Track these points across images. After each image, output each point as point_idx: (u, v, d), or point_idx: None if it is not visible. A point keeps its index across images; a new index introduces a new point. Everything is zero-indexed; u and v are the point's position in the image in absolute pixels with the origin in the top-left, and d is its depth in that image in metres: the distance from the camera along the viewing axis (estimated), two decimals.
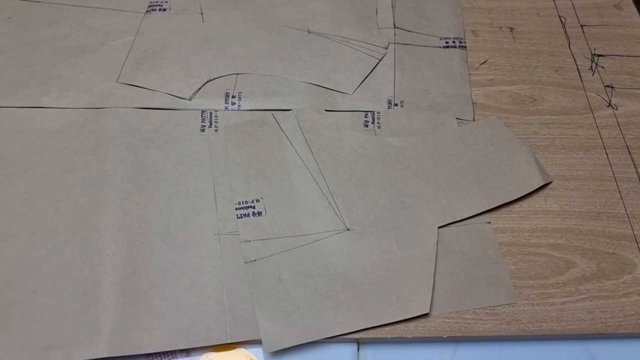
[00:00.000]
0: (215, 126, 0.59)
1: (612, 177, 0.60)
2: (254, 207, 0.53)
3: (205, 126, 0.59)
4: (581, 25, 0.75)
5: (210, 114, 0.60)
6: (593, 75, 0.69)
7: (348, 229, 0.53)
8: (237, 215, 0.53)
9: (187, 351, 0.47)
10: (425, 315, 0.49)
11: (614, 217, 0.57)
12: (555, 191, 0.58)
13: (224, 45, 0.66)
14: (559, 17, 0.76)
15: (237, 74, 0.64)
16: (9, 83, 0.60)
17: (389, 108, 0.63)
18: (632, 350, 0.50)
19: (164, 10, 0.69)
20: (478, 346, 0.49)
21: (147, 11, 0.69)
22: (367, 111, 0.62)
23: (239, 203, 0.53)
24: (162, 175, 0.55)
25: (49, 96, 0.59)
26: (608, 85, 0.68)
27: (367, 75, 0.66)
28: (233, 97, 0.62)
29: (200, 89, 0.62)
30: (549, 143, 0.62)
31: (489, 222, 0.55)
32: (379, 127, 0.61)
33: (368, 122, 0.62)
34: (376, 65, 0.67)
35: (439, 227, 0.54)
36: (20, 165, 0.54)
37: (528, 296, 0.51)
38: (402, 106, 0.63)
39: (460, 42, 0.71)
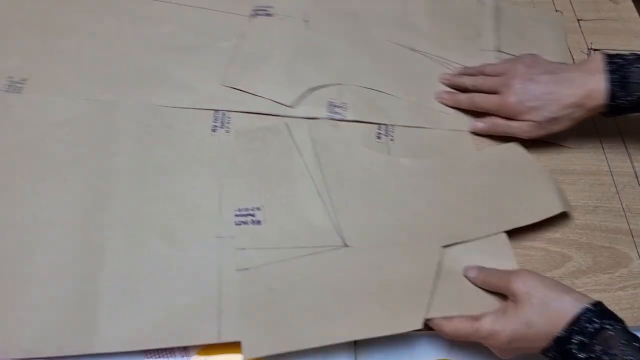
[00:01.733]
0: (227, 127, 0.58)
1: (608, 172, 0.61)
2: (253, 215, 0.52)
3: (217, 126, 0.58)
4: (578, 20, 0.75)
5: (223, 114, 0.59)
6: None
7: (346, 245, 0.51)
8: (236, 222, 0.52)
9: (185, 349, 0.47)
10: None
11: (610, 211, 0.57)
12: None
13: (327, 55, 0.65)
14: (556, 10, 0.77)
15: (341, 84, 0.63)
16: (120, 79, 0.61)
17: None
18: None
19: (269, 15, 0.69)
20: None
21: (251, 15, 0.69)
22: (380, 124, 0.60)
23: (239, 209, 0.53)
24: (169, 172, 0.55)
25: (158, 95, 0.60)
26: None
27: None
28: (337, 107, 0.61)
29: (303, 96, 0.61)
30: None
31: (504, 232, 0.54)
32: (392, 140, 0.59)
33: (381, 134, 0.59)
34: None
35: (444, 247, 0.51)
36: (31, 152, 0.55)
37: None
38: None
39: None
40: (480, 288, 0.50)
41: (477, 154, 0.60)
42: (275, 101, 0.61)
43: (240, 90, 0.61)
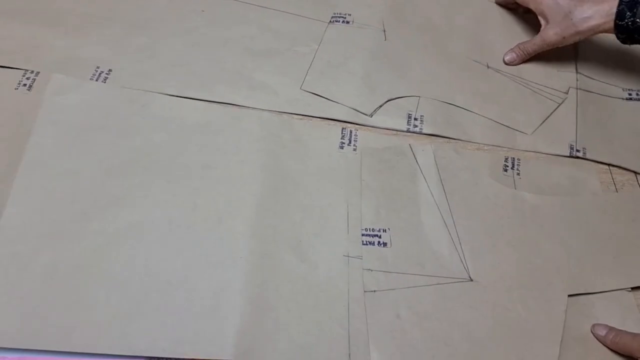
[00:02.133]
0: (354, 145, 0.59)
1: None
2: (379, 237, 0.53)
3: (344, 143, 0.59)
4: None
5: (350, 132, 0.60)
6: None
7: (471, 279, 0.51)
8: (363, 241, 0.52)
9: None
10: None
11: None
12: None
13: (405, 66, 0.66)
14: None
15: (419, 96, 0.63)
16: (202, 77, 0.62)
17: (570, 153, 0.61)
18: None
19: (347, 22, 0.69)
20: None
21: (330, 21, 0.69)
22: (508, 156, 0.60)
23: (366, 230, 0.53)
24: (299, 186, 0.55)
25: (239, 94, 0.61)
26: None
27: (547, 118, 0.64)
28: (415, 119, 0.61)
29: (381, 106, 0.62)
30: None
31: (630, 290, 0.52)
32: (517, 173, 0.59)
33: (507, 166, 0.60)
34: (556, 109, 0.64)
35: (569, 296, 0.51)
36: (165, 153, 0.55)
37: None
38: (584, 153, 0.62)
39: None
40: (608, 348, 0.49)
41: (605, 197, 0.59)
42: (354, 109, 0.61)
43: (319, 95, 0.62)
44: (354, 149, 0.58)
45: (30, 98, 0.56)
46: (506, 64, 0.68)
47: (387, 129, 0.61)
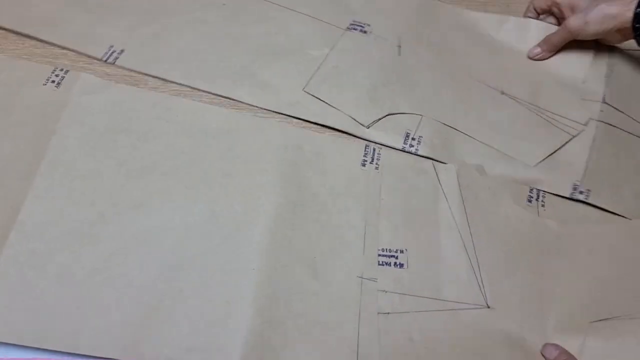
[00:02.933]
0: (377, 164, 0.58)
1: None
2: (396, 258, 0.52)
3: (366, 161, 0.58)
4: None
5: (374, 150, 0.59)
6: None
7: (488, 306, 0.50)
8: (379, 262, 0.52)
9: None
10: None
11: None
12: None
13: (413, 84, 0.64)
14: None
15: (422, 115, 0.61)
16: (207, 68, 0.62)
17: (572, 194, 0.58)
18: None
19: (364, 32, 0.68)
20: None
21: (347, 28, 0.68)
22: (534, 187, 0.58)
23: (383, 250, 0.52)
24: (317, 200, 0.54)
25: (241, 90, 0.60)
26: None
27: (555, 151, 0.61)
28: (413, 139, 0.60)
29: (380, 119, 0.60)
30: None
31: None
32: (542, 205, 0.58)
33: (532, 197, 0.58)
34: (568, 142, 0.61)
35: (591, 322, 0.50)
36: (186, 159, 0.55)
37: None
38: (587, 195, 0.58)
39: None
40: None
41: (631, 224, 0.57)
42: (352, 117, 0.60)
43: (321, 100, 0.61)
44: (376, 168, 0.58)
45: (57, 95, 0.56)
46: (532, 59, 0.69)
47: (381, 144, 0.59)
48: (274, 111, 0.60)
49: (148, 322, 0.46)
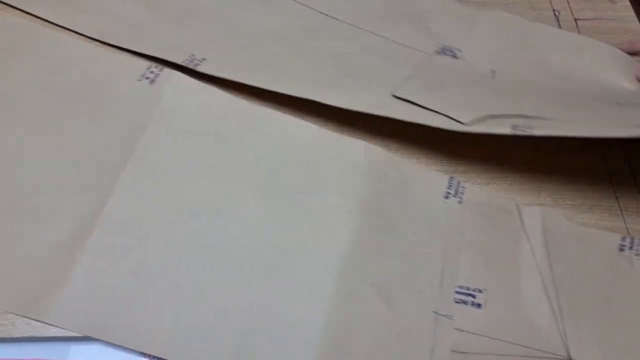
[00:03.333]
0: (460, 197, 0.55)
1: (605, 170, 0.60)
2: (474, 297, 0.50)
3: (450, 193, 0.56)
4: (575, 19, 0.76)
5: (458, 182, 0.56)
6: None
7: (571, 358, 0.47)
8: (455, 299, 0.49)
9: None
10: None
11: (607, 211, 0.57)
12: (548, 184, 0.58)
13: (514, 99, 0.60)
14: (553, 10, 0.76)
15: (528, 117, 0.55)
16: (295, 74, 0.60)
17: None
18: None
19: (455, 57, 0.66)
20: None
21: (436, 52, 0.66)
22: (627, 236, 0.55)
23: (461, 287, 0.50)
24: (397, 230, 0.53)
25: (329, 94, 0.57)
26: None
27: None
28: (522, 127, 0.53)
29: (481, 118, 0.55)
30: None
31: None
32: (637, 254, 0.54)
33: (625, 246, 0.54)
34: None
35: None
36: (268, 170, 0.54)
37: None
38: None
39: None
40: None
41: None
42: (450, 117, 0.55)
43: (413, 102, 0.57)
44: (459, 201, 0.55)
45: (151, 92, 0.56)
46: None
47: (488, 135, 0.54)
48: (362, 112, 0.56)
49: (210, 333, 0.45)
